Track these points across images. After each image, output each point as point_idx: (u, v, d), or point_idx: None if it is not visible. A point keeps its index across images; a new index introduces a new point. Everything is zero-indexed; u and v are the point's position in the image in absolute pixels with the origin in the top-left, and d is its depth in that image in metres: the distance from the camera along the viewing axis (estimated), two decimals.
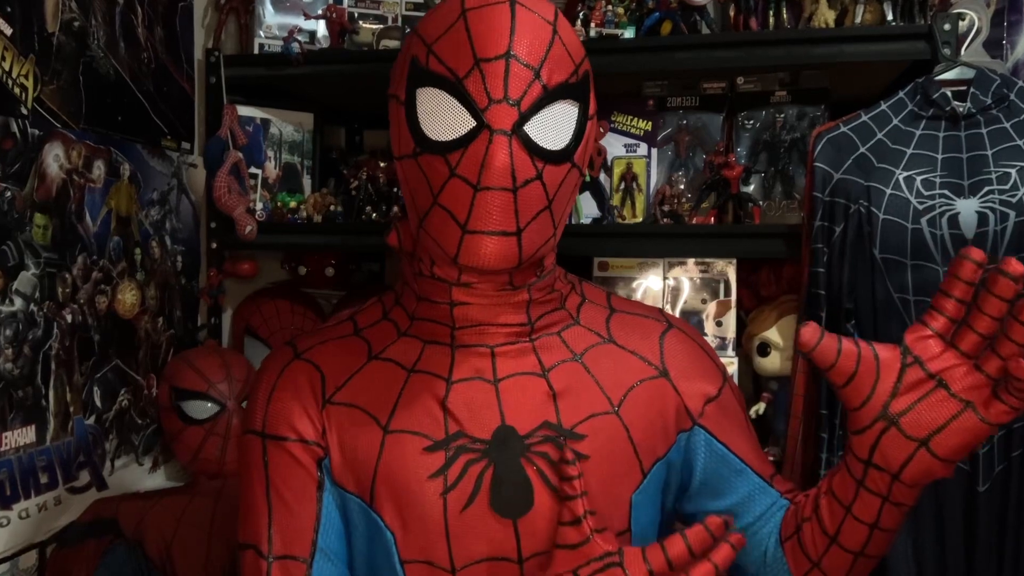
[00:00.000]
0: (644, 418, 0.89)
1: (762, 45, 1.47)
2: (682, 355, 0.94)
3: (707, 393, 0.93)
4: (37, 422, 1.32)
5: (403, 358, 0.89)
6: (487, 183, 0.77)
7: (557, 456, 0.83)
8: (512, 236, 0.79)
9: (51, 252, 1.35)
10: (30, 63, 1.30)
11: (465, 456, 0.83)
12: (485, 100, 0.77)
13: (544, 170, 0.80)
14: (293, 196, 1.77)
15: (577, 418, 0.86)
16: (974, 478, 1.24)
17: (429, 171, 0.81)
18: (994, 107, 1.29)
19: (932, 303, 0.80)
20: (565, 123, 0.82)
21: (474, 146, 0.77)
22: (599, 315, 0.95)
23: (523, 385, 0.86)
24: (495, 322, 0.86)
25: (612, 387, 0.89)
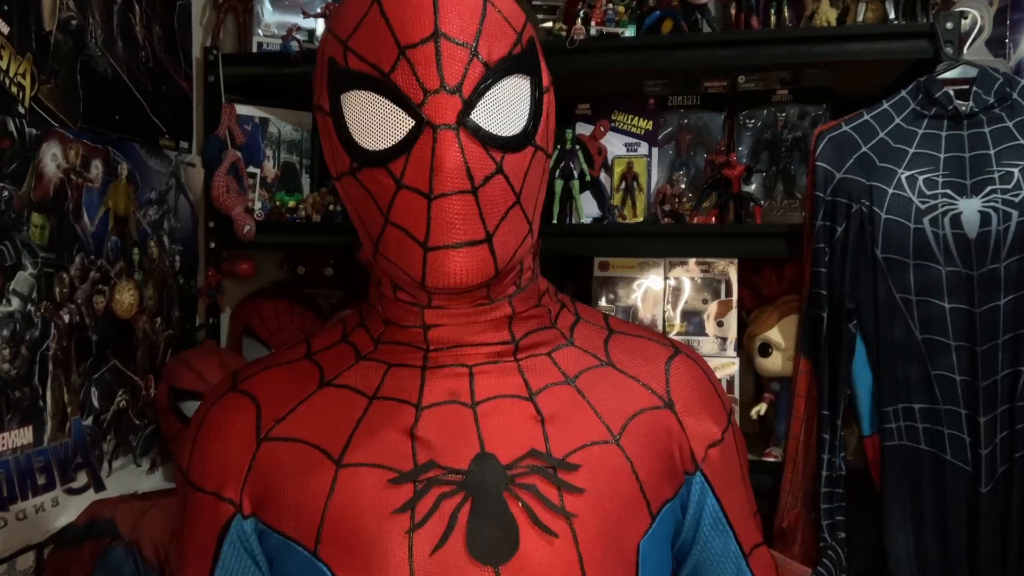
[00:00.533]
0: (649, 452, 0.77)
1: (763, 44, 1.47)
2: (690, 387, 0.83)
3: (712, 436, 0.82)
4: (34, 423, 1.32)
5: (362, 384, 0.77)
6: (441, 189, 0.66)
7: (547, 489, 0.71)
8: (482, 244, 0.68)
9: (48, 252, 1.35)
10: (27, 62, 1.30)
11: (437, 489, 0.70)
12: (420, 93, 0.67)
13: (504, 160, 0.70)
14: (292, 195, 1.77)
15: (570, 446, 0.74)
16: (977, 479, 1.24)
17: (372, 187, 0.70)
18: (997, 106, 1.29)
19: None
20: (518, 102, 0.71)
21: (418, 149, 0.67)
22: (596, 336, 0.83)
23: (506, 408, 0.75)
24: (474, 341, 0.76)
25: (611, 414, 0.77)
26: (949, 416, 1.27)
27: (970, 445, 1.25)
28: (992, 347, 1.24)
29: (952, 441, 1.27)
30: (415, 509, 0.70)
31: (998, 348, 1.24)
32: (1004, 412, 1.24)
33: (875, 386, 1.32)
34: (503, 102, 0.70)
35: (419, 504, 0.70)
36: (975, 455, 1.25)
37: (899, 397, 1.30)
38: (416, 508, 0.70)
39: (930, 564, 1.28)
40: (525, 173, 0.72)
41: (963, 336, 1.26)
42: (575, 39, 1.50)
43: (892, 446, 1.30)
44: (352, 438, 0.74)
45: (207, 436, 0.79)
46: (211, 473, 0.77)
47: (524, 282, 0.78)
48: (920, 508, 1.29)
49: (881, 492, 1.31)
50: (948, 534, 1.27)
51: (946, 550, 1.27)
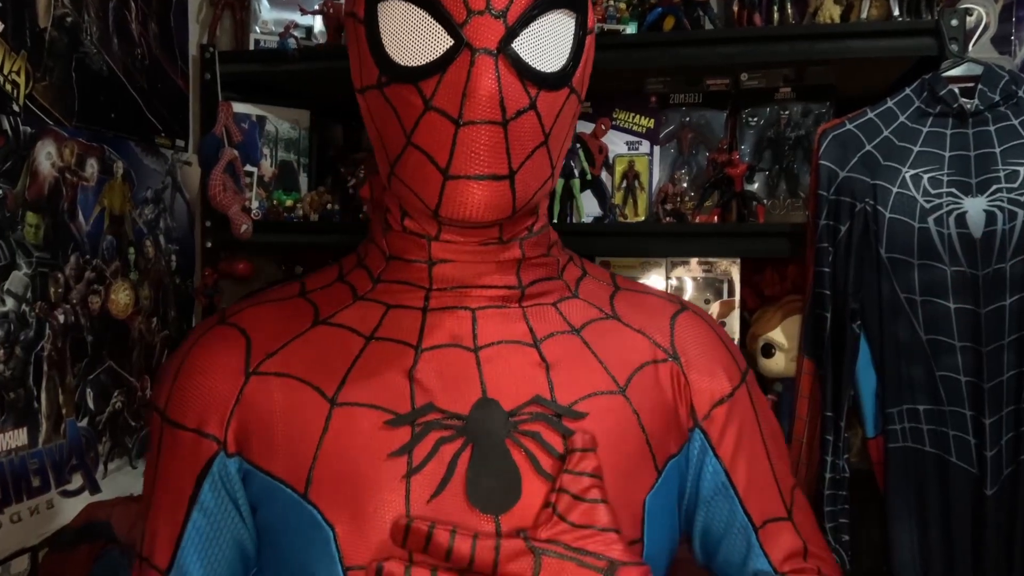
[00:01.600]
0: (655, 405, 0.76)
1: (766, 41, 1.47)
2: (696, 340, 0.81)
3: (719, 391, 0.79)
4: (29, 424, 1.32)
5: (359, 324, 0.75)
6: (471, 116, 0.64)
7: (551, 437, 0.69)
8: (504, 180, 0.67)
9: (43, 251, 1.35)
10: (22, 59, 1.30)
11: (436, 433, 0.68)
12: (463, 12, 0.65)
13: (539, 97, 0.67)
14: (289, 194, 1.77)
15: (576, 395, 0.72)
16: (982, 481, 1.24)
17: (399, 104, 0.68)
18: (1002, 104, 1.29)
19: None
20: (561, 38, 0.69)
21: (453, 70, 0.65)
22: (602, 291, 0.82)
23: (509, 353, 0.73)
24: (479, 283, 0.74)
25: (617, 365, 0.75)
26: (954, 417, 1.27)
27: (975, 447, 1.25)
28: (998, 348, 1.24)
29: (957, 443, 1.26)
30: (412, 453, 0.68)
31: (1003, 349, 1.24)
32: (1010, 414, 1.24)
33: (879, 387, 1.32)
34: (546, 35, 0.68)
35: (417, 448, 0.68)
36: (980, 457, 1.25)
37: (903, 398, 1.30)
38: (414, 452, 0.68)
39: (935, 567, 1.28)
40: (557, 114, 0.70)
41: (968, 336, 1.25)
42: None
43: (896, 448, 1.30)
44: (348, 377, 0.72)
45: (190, 369, 0.75)
46: (193, 408, 0.74)
47: (537, 228, 0.76)
48: (925, 511, 1.29)
49: (885, 494, 1.31)
50: (953, 537, 1.27)
51: (951, 553, 1.27)
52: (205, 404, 0.73)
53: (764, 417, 0.83)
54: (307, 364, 0.73)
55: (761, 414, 0.83)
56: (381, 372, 0.72)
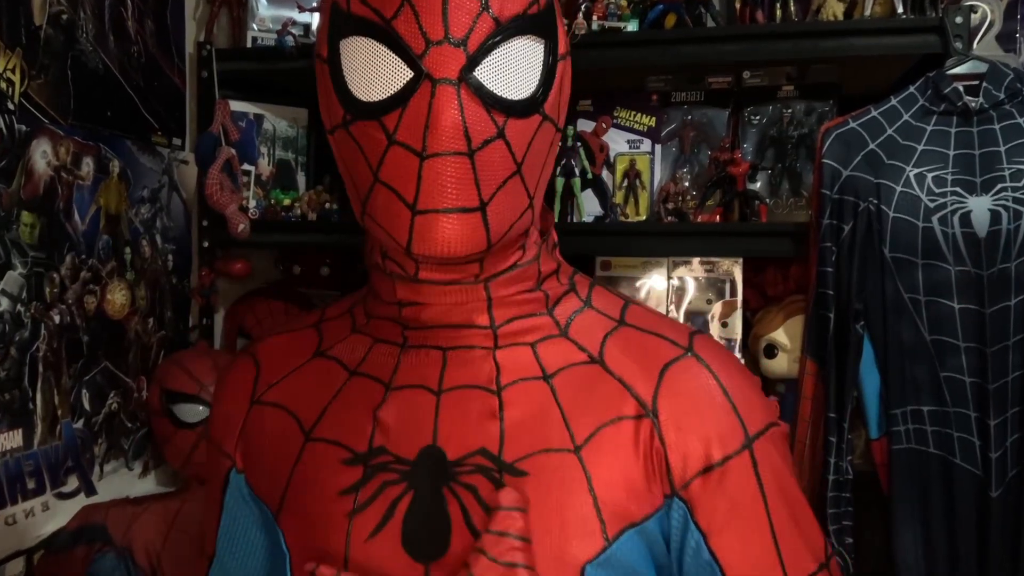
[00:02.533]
0: (615, 467, 0.70)
1: (769, 38, 1.47)
2: (687, 395, 0.72)
3: (704, 458, 0.70)
4: (24, 426, 1.32)
5: (348, 357, 0.78)
6: (435, 148, 0.63)
7: (487, 492, 0.68)
8: (475, 212, 0.65)
9: (38, 251, 1.35)
10: (17, 57, 1.30)
11: (383, 475, 0.70)
12: (422, 43, 0.64)
13: (507, 125, 0.66)
14: (287, 193, 1.77)
15: (524, 450, 0.69)
16: (987, 483, 1.24)
17: (364, 141, 0.68)
18: (1007, 102, 1.29)
19: None
20: (528, 65, 0.68)
21: (414, 102, 0.64)
22: (598, 327, 0.76)
23: (468, 400, 0.71)
24: (448, 323, 0.73)
25: (579, 420, 0.71)
26: (958, 419, 1.27)
27: (980, 448, 1.25)
28: (1002, 348, 1.24)
29: (961, 444, 1.26)
30: (359, 493, 0.71)
31: (1008, 349, 1.24)
32: (1015, 415, 1.24)
33: (883, 388, 1.32)
34: (512, 63, 0.67)
35: (363, 488, 0.71)
36: (985, 459, 1.25)
37: (907, 399, 1.30)
38: (359, 492, 0.71)
39: (939, 570, 1.28)
40: (529, 142, 0.69)
41: (973, 337, 1.25)
42: (577, 34, 1.50)
43: (900, 449, 1.30)
44: (325, 412, 0.76)
45: (219, 393, 0.86)
46: (218, 428, 0.84)
47: (523, 261, 0.74)
48: (929, 513, 1.29)
49: (889, 497, 1.31)
50: (957, 540, 1.27)
51: (955, 556, 1.27)
52: (223, 426, 0.83)
53: (776, 489, 0.73)
54: (299, 396, 0.79)
55: (771, 485, 0.72)
56: (352, 409, 0.75)
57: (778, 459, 0.74)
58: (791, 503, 0.74)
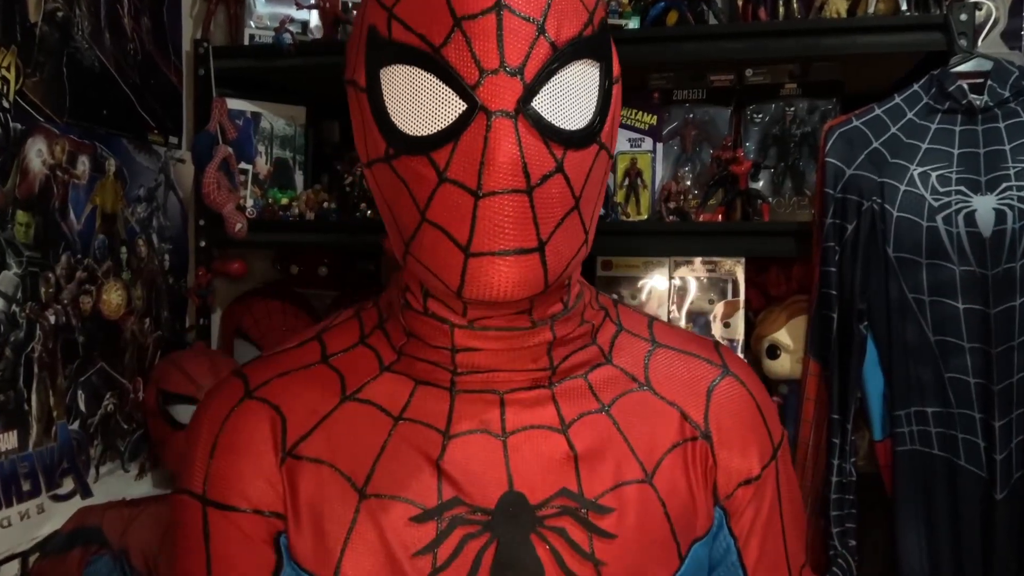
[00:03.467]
0: (682, 489, 0.74)
1: (772, 36, 1.47)
2: (732, 414, 0.77)
3: (746, 472, 0.77)
4: (19, 427, 1.32)
5: (388, 401, 0.72)
6: (492, 186, 0.60)
7: (576, 533, 0.68)
8: (533, 253, 0.62)
9: (34, 251, 1.34)
10: (12, 54, 1.30)
11: (462, 529, 0.67)
12: (475, 73, 0.60)
13: (566, 158, 0.63)
14: (285, 192, 1.77)
15: (603, 486, 0.70)
16: (992, 485, 1.24)
17: (410, 178, 0.64)
18: (1012, 100, 1.29)
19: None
20: (586, 91, 0.65)
21: (468, 137, 0.61)
22: (638, 350, 0.78)
23: (537, 442, 0.71)
24: (507, 368, 0.71)
25: (645, 449, 0.73)
26: (963, 420, 1.27)
27: (985, 450, 1.25)
28: (1007, 349, 1.24)
29: (966, 446, 1.26)
30: (437, 552, 0.67)
31: (1013, 350, 1.24)
32: (1020, 416, 1.24)
33: (887, 389, 1.32)
34: (569, 90, 0.64)
35: (442, 546, 0.67)
36: (990, 460, 1.24)
37: (911, 400, 1.30)
38: (439, 551, 0.67)
39: (943, 572, 1.28)
40: (587, 174, 0.66)
41: (977, 337, 1.25)
42: None
43: (904, 451, 1.30)
44: (376, 465, 0.70)
45: (230, 450, 0.72)
46: (246, 489, 0.71)
47: (571, 300, 0.73)
48: (933, 515, 1.29)
49: (893, 499, 1.31)
50: (962, 542, 1.27)
51: (960, 559, 1.27)
52: (255, 484, 0.71)
53: (788, 493, 0.80)
54: (338, 448, 0.71)
55: (785, 491, 0.80)
56: (409, 460, 0.70)
57: (790, 464, 0.82)
58: (795, 502, 0.82)
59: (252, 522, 0.71)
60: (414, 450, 0.70)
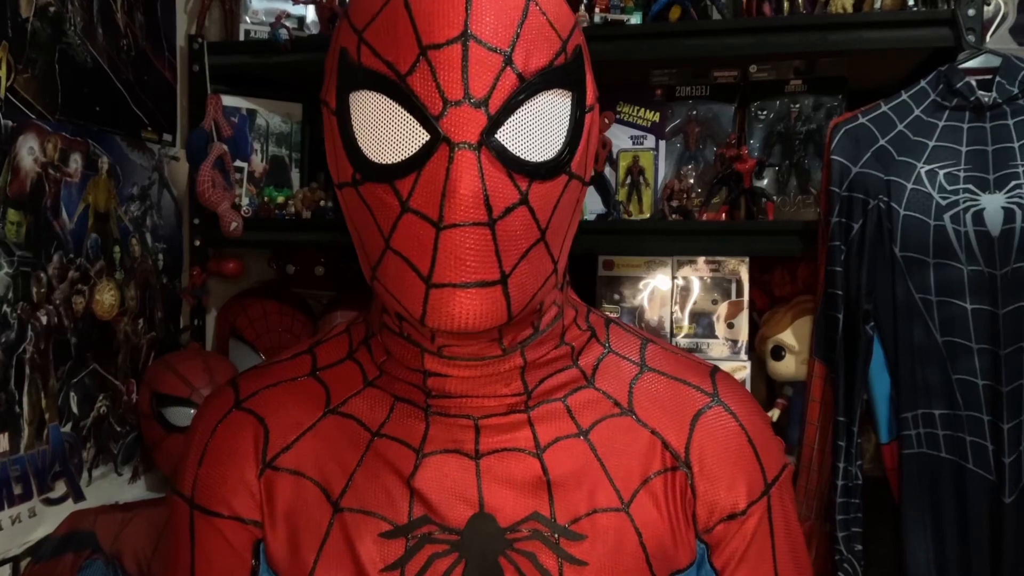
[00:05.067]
0: (660, 520, 0.72)
1: (776, 31, 1.47)
2: (717, 446, 0.75)
3: (730, 507, 0.75)
4: (10, 430, 1.32)
5: (367, 416, 0.74)
6: (453, 218, 0.60)
7: (546, 558, 0.69)
8: (495, 285, 0.62)
9: (25, 250, 1.34)
10: (2, 50, 1.29)
11: (431, 547, 0.69)
12: (439, 103, 0.60)
13: (531, 190, 0.63)
14: (281, 191, 1.77)
15: (576, 512, 0.70)
16: (1000, 488, 1.24)
17: (375, 205, 0.64)
18: (1021, 97, 1.29)
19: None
20: (554, 121, 0.65)
21: (430, 167, 0.61)
22: (624, 374, 0.77)
23: (510, 465, 0.71)
24: (480, 394, 0.72)
25: (623, 476, 0.72)
26: (971, 422, 1.26)
27: (993, 453, 1.25)
28: (1016, 350, 1.24)
29: (974, 449, 1.26)
30: (405, 569, 0.68)
31: (1022, 351, 1.24)
32: None
33: (893, 391, 1.32)
34: (537, 121, 0.64)
35: (409, 564, 0.69)
36: (998, 463, 1.24)
37: (918, 402, 1.30)
38: (406, 568, 0.68)
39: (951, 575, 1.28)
40: (555, 205, 0.66)
41: (986, 338, 1.25)
42: None
43: (911, 454, 1.30)
44: (352, 479, 0.72)
45: (217, 455, 0.76)
46: (229, 497, 0.75)
47: (544, 324, 0.72)
48: (940, 519, 1.29)
49: (900, 502, 1.31)
50: (970, 546, 1.27)
51: (968, 563, 1.27)
52: (237, 493, 0.75)
53: (784, 533, 0.78)
54: (317, 460, 0.74)
55: (780, 530, 0.77)
56: (382, 477, 0.72)
57: (788, 502, 0.79)
58: (794, 544, 0.79)
59: (232, 528, 0.74)
60: (387, 467, 0.72)
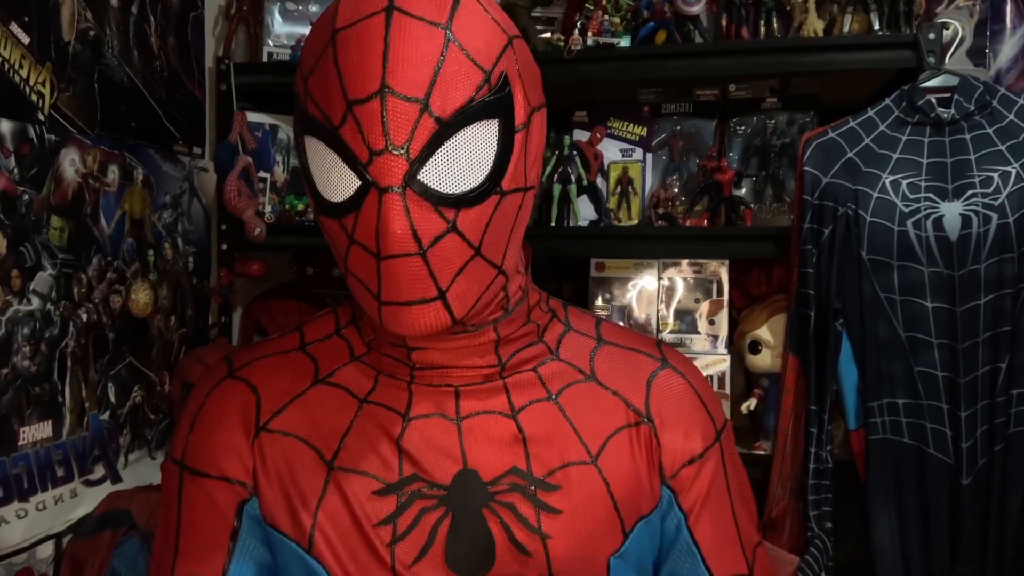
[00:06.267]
0: (626, 470, 0.75)
1: (753, 54, 1.47)
2: (672, 401, 0.79)
3: (690, 452, 0.78)
4: (54, 417, 1.32)
5: (355, 385, 0.75)
6: (388, 251, 0.62)
7: (525, 508, 0.71)
8: (435, 301, 0.64)
9: (67, 253, 1.35)
10: (47, 71, 1.30)
11: (420, 503, 0.70)
12: (366, 153, 0.61)
13: (458, 217, 0.63)
14: (301, 199, 1.77)
15: (550, 466, 0.72)
16: (958, 472, 1.24)
17: (331, 235, 0.68)
18: (977, 113, 1.29)
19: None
20: (479, 151, 0.64)
21: (366, 209, 0.62)
22: (584, 347, 0.80)
23: (489, 425, 0.73)
24: (459, 364, 0.73)
25: (590, 433, 0.75)
26: (931, 411, 1.27)
27: (951, 439, 1.25)
28: (973, 344, 1.24)
29: (934, 435, 1.27)
30: (397, 522, 0.70)
31: (978, 346, 1.24)
32: (984, 407, 1.24)
33: (860, 382, 1.32)
34: (460, 155, 0.63)
35: (401, 518, 0.70)
36: (956, 448, 1.25)
37: (883, 392, 1.30)
38: (398, 521, 0.70)
39: (913, 553, 1.28)
40: (486, 225, 0.65)
41: (945, 334, 1.25)
42: (572, 49, 1.50)
43: (876, 440, 1.30)
44: (344, 440, 0.73)
45: (206, 421, 0.76)
46: (217, 458, 0.74)
47: (512, 305, 0.75)
48: (903, 499, 1.29)
49: (866, 484, 1.31)
50: (930, 524, 1.27)
51: (928, 539, 1.27)
52: (226, 454, 0.74)
53: (734, 474, 0.82)
54: (308, 424, 0.74)
55: (731, 471, 0.81)
56: (372, 438, 0.72)
57: (734, 448, 0.84)
58: (742, 485, 0.83)
59: (219, 488, 0.74)
60: (377, 430, 0.73)
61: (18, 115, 1.24)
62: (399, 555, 0.69)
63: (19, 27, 1.24)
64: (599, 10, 1.54)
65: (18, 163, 1.24)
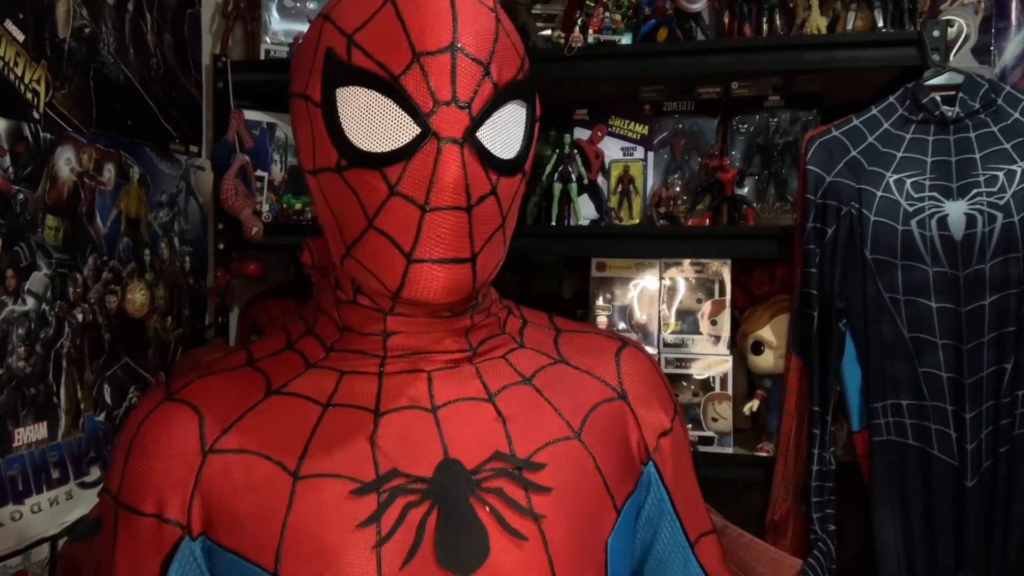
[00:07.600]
0: (609, 445, 0.76)
1: (756, 51, 1.47)
2: (640, 377, 0.82)
3: (663, 425, 0.81)
4: (49, 419, 1.32)
5: (314, 391, 0.72)
6: (438, 202, 0.64)
7: (514, 491, 0.68)
8: (466, 263, 0.66)
9: (62, 253, 1.34)
10: (42, 68, 1.30)
11: (403, 498, 0.66)
12: (430, 102, 0.64)
13: (499, 183, 0.68)
14: (299, 198, 1.76)
15: (533, 445, 0.71)
16: (962, 473, 1.24)
17: (361, 188, 0.66)
18: (982, 112, 1.29)
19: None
20: (516, 127, 0.70)
21: (419, 157, 0.64)
22: (545, 336, 0.82)
23: (467, 412, 0.72)
24: (433, 349, 0.73)
25: (570, 409, 0.75)
26: (936, 412, 1.27)
27: (956, 440, 1.25)
28: (977, 345, 1.24)
29: (939, 436, 1.26)
30: (380, 522, 0.66)
31: (983, 346, 1.24)
32: (989, 408, 1.24)
33: (864, 383, 1.32)
34: (505, 125, 0.69)
35: (384, 515, 0.66)
36: (961, 450, 1.25)
37: (887, 393, 1.30)
38: (382, 520, 0.66)
39: (917, 556, 1.28)
40: (512, 198, 0.71)
41: (949, 334, 1.25)
42: (573, 46, 1.50)
43: (880, 441, 1.30)
44: (308, 447, 0.69)
45: (142, 451, 0.71)
46: (150, 492, 0.69)
47: (482, 296, 0.77)
48: (907, 501, 1.29)
49: (870, 486, 1.31)
50: (935, 526, 1.27)
51: (932, 542, 1.27)
52: (161, 488, 0.69)
53: (687, 442, 0.87)
54: (264, 437, 0.70)
55: (686, 441, 0.87)
56: (342, 440, 0.69)
57: (684, 423, 0.91)
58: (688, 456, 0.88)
59: (152, 528, 0.69)
60: (347, 431, 0.70)
61: (13, 113, 1.24)
62: (386, 558, 0.65)
63: (14, 24, 1.24)
64: (600, 7, 1.53)
65: (13, 162, 1.24)
